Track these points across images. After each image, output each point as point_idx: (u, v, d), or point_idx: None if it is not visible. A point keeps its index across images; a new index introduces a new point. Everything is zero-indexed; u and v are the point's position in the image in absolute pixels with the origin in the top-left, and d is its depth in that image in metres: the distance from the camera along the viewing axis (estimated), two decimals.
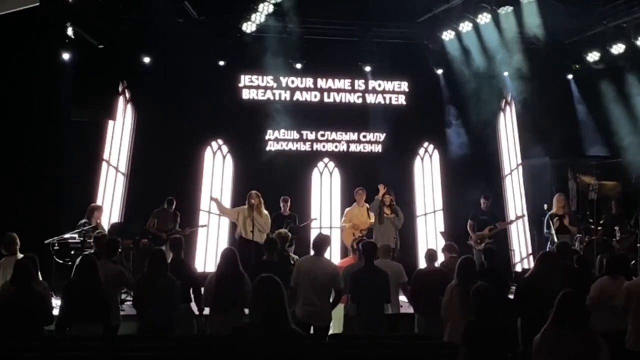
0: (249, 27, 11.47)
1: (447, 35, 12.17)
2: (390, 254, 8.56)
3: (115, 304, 7.28)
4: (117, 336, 6.92)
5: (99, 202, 11.47)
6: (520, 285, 7.48)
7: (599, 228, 11.68)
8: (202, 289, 7.40)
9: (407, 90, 13.70)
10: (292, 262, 8.04)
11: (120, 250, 10.43)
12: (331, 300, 7.45)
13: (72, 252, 9.44)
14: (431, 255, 8.27)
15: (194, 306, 7.49)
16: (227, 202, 12.90)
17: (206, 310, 7.29)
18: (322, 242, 7.72)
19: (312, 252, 7.79)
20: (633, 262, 10.27)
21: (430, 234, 13.59)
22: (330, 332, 7.85)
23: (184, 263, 7.80)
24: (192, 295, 7.43)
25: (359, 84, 13.53)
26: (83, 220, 9.98)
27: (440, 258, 8.94)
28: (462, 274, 6.76)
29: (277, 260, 7.79)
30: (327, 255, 8.44)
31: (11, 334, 5.98)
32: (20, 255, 7.66)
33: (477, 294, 5.40)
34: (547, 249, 11.37)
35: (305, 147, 13.34)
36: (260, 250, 9.14)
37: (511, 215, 13.32)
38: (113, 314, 6.97)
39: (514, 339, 5.53)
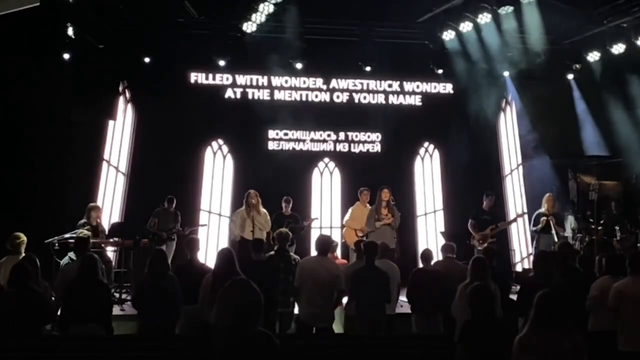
0: (249, 27, 11.46)
1: (447, 35, 12.15)
2: (387, 253, 8.51)
3: None
4: (117, 336, 6.92)
5: (99, 202, 11.47)
6: (522, 285, 7.49)
7: (599, 228, 11.67)
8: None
9: (407, 90, 13.70)
10: (293, 262, 8.03)
11: (116, 249, 10.56)
12: (333, 300, 7.45)
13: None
14: (427, 255, 8.26)
15: None
16: (227, 202, 12.93)
17: None
18: (326, 242, 7.74)
19: (315, 253, 7.77)
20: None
21: (430, 234, 13.59)
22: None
23: (199, 263, 7.81)
24: None
25: (359, 83, 13.53)
26: (82, 221, 9.99)
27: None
28: (474, 273, 6.73)
29: (268, 260, 7.77)
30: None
31: (10, 334, 5.98)
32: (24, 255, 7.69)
33: (474, 293, 5.40)
34: (532, 247, 11.43)
35: (306, 147, 13.34)
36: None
37: (511, 215, 13.31)
38: None
39: (512, 338, 5.51)
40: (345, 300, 7.93)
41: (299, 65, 12.65)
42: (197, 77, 12.90)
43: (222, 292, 3.95)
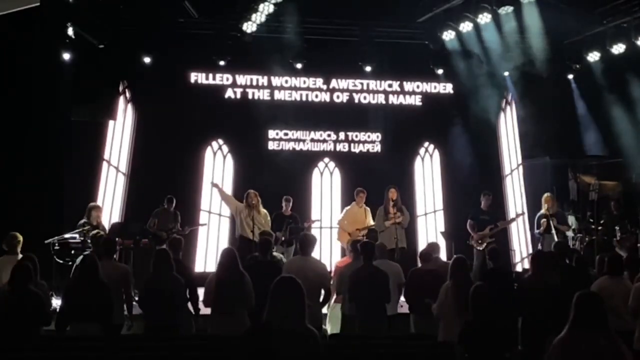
0: (249, 27, 11.47)
1: (447, 35, 12.16)
2: (386, 253, 8.45)
3: (119, 303, 7.24)
4: (117, 336, 6.92)
5: (99, 202, 11.47)
6: (520, 285, 7.49)
7: (599, 228, 11.67)
8: (198, 290, 7.41)
9: (407, 90, 13.71)
10: (281, 262, 8.03)
11: (119, 249, 10.55)
12: (321, 299, 7.45)
13: (72, 252, 9.41)
14: (426, 255, 8.26)
15: (190, 306, 7.48)
16: None
17: (207, 310, 7.27)
18: (309, 241, 7.70)
19: (299, 253, 7.75)
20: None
21: (430, 234, 13.58)
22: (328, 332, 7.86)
23: (181, 263, 7.80)
24: (188, 296, 7.41)
25: (359, 83, 13.54)
26: (83, 221, 9.98)
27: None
28: (455, 274, 6.77)
29: (271, 260, 7.79)
30: (328, 254, 8.47)
31: (8, 335, 5.98)
32: (20, 256, 7.65)
33: (475, 294, 5.40)
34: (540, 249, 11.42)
35: (306, 147, 13.35)
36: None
37: (511, 216, 13.30)
38: (116, 314, 6.96)
39: (511, 338, 5.53)
40: (339, 299, 7.94)
41: (299, 65, 12.66)
42: (197, 77, 12.91)
43: (274, 290, 4.02)
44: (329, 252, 12.70)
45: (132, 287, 7.53)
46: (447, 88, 13.71)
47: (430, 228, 13.69)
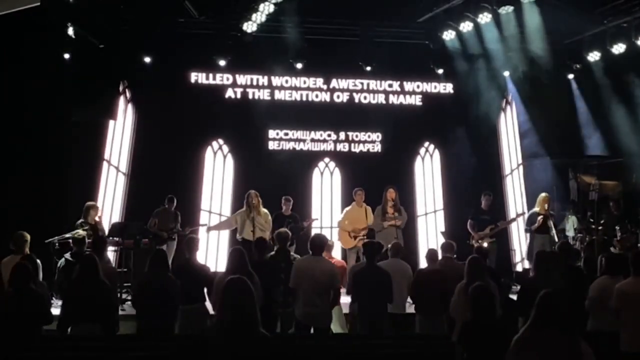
0: (249, 27, 11.48)
1: (448, 35, 12.17)
2: (399, 253, 8.43)
3: None
4: (117, 336, 6.92)
5: (99, 202, 11.47)
6: (522, 285, 7.49)
7: (600, 228, 11.67)
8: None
9: (407, 90, 13.70)
10: (294, 261, 8.02)
11: (120, 249, 10.56)
12: (330, 299, 7.44)
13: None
14: (432, 255, 8.26)
15: (208, 305, 7.47)
16: (227, 202, 12.93)
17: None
18: (321, 242, 7.69)
19: (310, 253, 7.74)
20: None
21: (430, 234, 13.59)
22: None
23: (198, 263, 7.80)
24: (206, 295, 7.40)
25: (359, 83, 13.53)
26: (80, 220, 9.98)
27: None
28: (471, 273, 6.74)
29: (269, 260, 7.77)
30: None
31: (10, 335, 5.98)
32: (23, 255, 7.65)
33: (473, 293, 5.39)
34: (526, 247, 11.47)
35: (306, 147, 13.35)
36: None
37: (512, 216, 13.30)
38: None
39: (511, 338, 5.51)
40: (346, 300, 7.94)
41: (299, 65, 12.66)
42: (197, 77, 12.91)
43: (221, 292, 3.97)
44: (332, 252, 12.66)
45: (117, 289, 7.50)
46: (447, 88, 13.71)
47: (431, 228, 13.69)
